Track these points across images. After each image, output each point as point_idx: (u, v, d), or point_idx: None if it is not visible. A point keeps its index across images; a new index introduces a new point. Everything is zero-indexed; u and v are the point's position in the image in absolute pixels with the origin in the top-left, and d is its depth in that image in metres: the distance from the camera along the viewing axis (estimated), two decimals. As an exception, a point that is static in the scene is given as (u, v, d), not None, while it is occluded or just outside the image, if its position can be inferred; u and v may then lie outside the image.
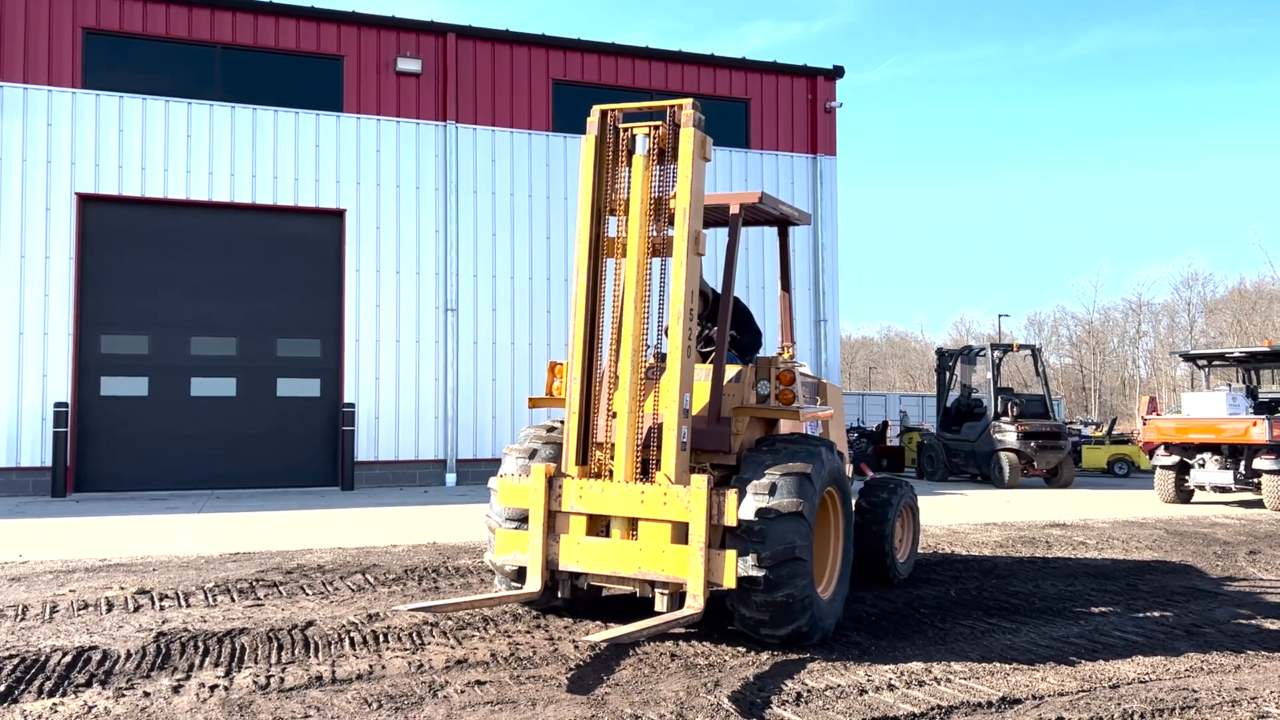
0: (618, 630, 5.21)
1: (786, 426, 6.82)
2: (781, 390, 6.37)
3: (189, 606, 6.78)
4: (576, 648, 5.73)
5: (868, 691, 5.00)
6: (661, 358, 6.49)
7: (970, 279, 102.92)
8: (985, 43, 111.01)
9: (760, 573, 5.56)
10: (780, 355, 7.45)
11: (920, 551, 9.71)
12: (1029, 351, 21.84)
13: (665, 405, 5.88)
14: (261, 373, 17.01)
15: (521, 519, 6.22)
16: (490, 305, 18.13)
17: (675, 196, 5.97)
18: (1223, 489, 15.24)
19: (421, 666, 5.30)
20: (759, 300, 18.55)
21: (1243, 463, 14.89)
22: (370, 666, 5.29)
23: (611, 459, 6.06)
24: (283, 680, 5.02)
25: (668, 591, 5.73)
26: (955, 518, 12.97)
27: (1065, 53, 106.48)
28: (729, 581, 5.53)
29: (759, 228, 8.08)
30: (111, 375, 16.23)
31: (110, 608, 6.68)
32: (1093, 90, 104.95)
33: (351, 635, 5.95)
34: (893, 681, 5.17)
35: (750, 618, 5.74)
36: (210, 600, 7.00)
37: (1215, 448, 15.20)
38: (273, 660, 5.42)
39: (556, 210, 18.65)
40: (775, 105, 20.45)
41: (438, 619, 6.35)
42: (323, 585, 7.59)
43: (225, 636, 5.88)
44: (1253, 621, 6.85)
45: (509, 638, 5.94)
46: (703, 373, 6.48)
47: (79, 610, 6.61)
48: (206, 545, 9.80)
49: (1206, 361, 17.92)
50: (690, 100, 6.03)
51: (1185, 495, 15.68)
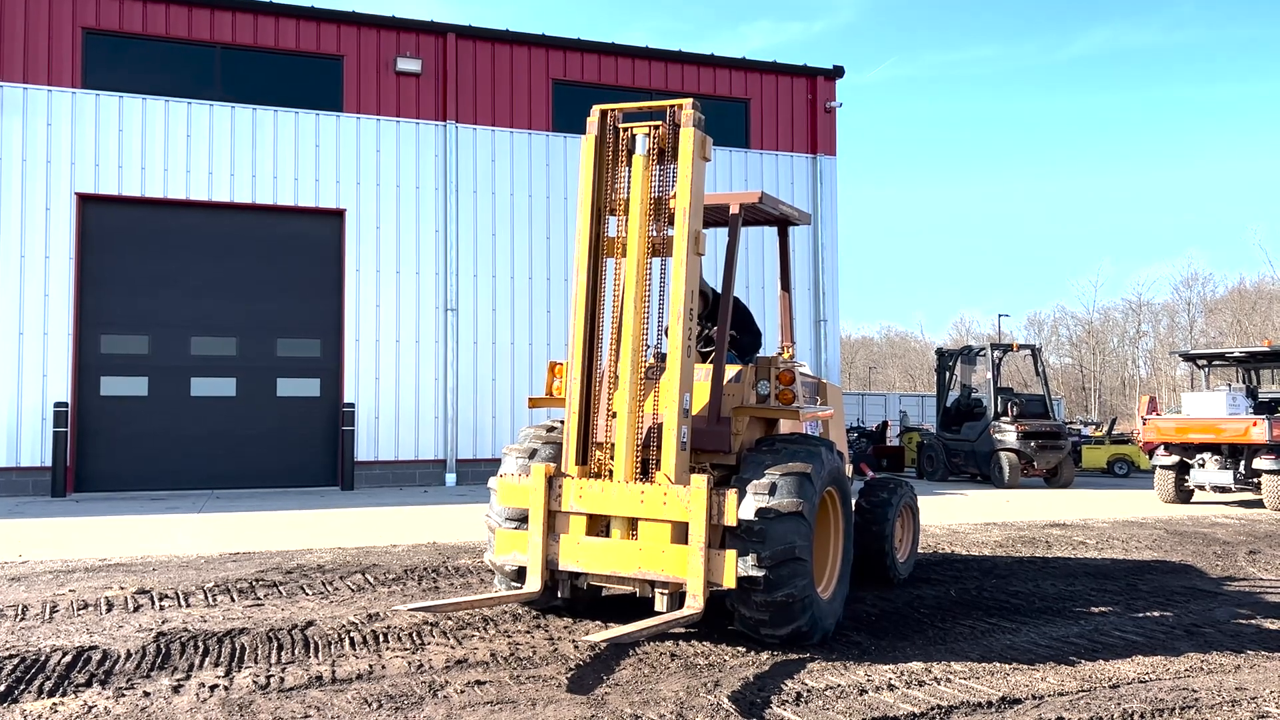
0: (618, 630, 5.21)
1: (786, 426, 6.82)
2: (781, 390, 6.37)
3: (189, 606, 6.79)
4: (576, 648, 5.73)
5: (868, 691, 5.00)
6: (661, 358, 6.49)
7: (970, 279, 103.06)
8: (985, 43, 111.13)
9: (760, 573, 5.56)
10: (780, 355, 7.46)
11: (920, 551, 9.72)
12: (1029, 351, 21.84)
13: (665, 405, 5.88)
14: (261, 373, 17.01)
15: (521, 519, 6.22)
16: (490, 305, 18.14)
17: (675, 196, 5.97)
18: (1222, 489, 15.25)
19: (421, 666, 5.31)
20: (759, 300, 18.55)
21: (1242, 463, 14.90)
22: (370, 666, 5.29)
23: (611, 459, 6.06)
24: (283, 680, 5.03)
25: (668, 591, 5.73)
26: (955, 518, 12.97)
27: (1065, 53, 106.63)
28: (729, 581, 5.53)
29: (759, 228, 8.08)
30: (111, 375, 16.23)
31: (110, 608, 6.68)
32: (1093, 90, 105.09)
33: (351, 635, 5.95)
34: (893, 681, 5.17)
35: (750, 618, 5.74)
36: (210, 600, 7.00)
37: (1215, 448, 15.21)
38: (273, 660, 5.42)
39: (556, 210, 18.65)
40: (775, 105, 20.45)
41: (438, 619, 6.35)
42: (323, 585, 7.59)
43: (225, 636, 5.88)
44: (1253, 621, 6.85)
45: (509, 638, 5.95)
46: (703, 373, 6.48)
47: (79, 610, 6.61)
48: (206, 545, 9.80)
49: (1206, 361, 17.92)
50: (690, 100, 6.03)
51: (1185, 495, 15.69)
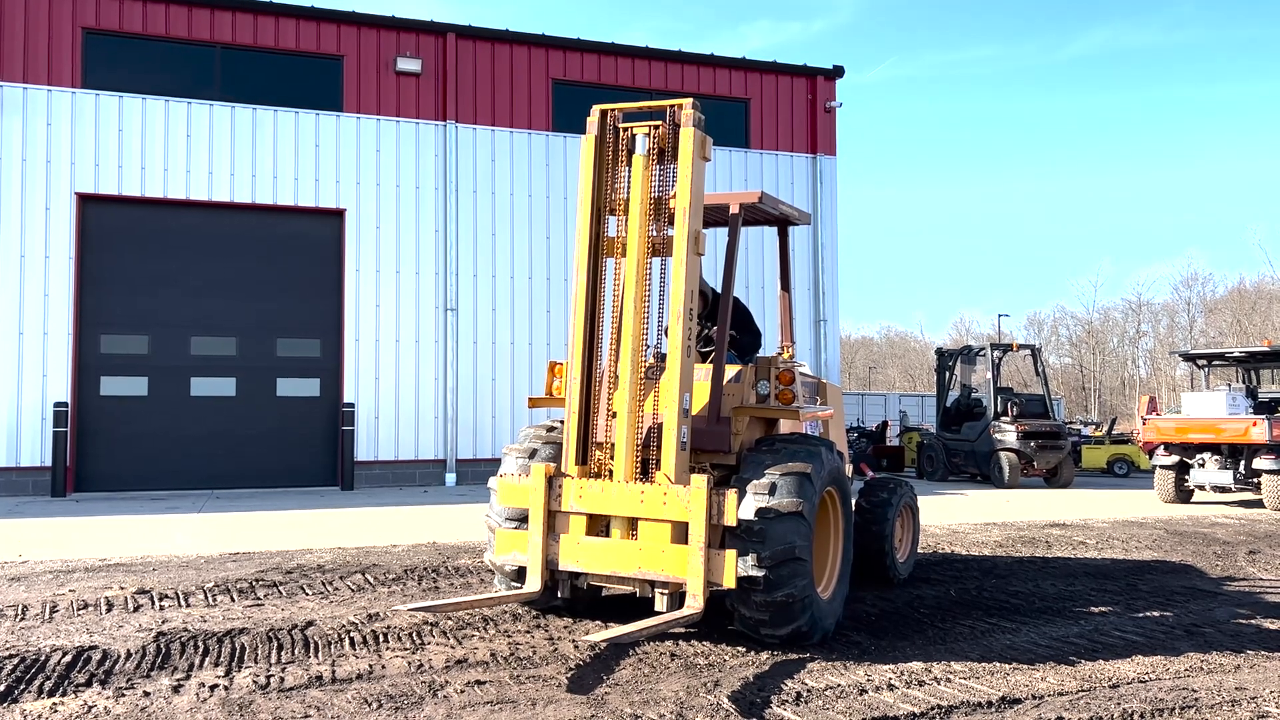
0: (618, 630, 5.21)
1: (786, 426, 6.82)
2: (781, 390, 6.37)
3: (189, 606, 6.79)
4: (576, 647, 5.73)
5: (868, 691, 5.00)
6: (661, 358, 6.49)
7: (970, 279, 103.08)
8: (985, 43, 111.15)
9: (760, 572, 5.56)
10: (780, 355, 7.46)
11: (920, 551, 9.72)
12: (1029, 351, 21.84)
13: (665, 405, 5.88)
14: (261, 373, 17.01)
15: (521, 519, 6.22)
16: (490, 305, 18.14)
17: (675, 196, 5.97)
18: (1222, 489, 15.25)
19: (421, 666, 5.31)
20: (759, 300, 18.55)
21: (1242, 462, 14.90)
22: (370, 666, 5.29)
23: (611, 459, 6.06)
24: (283, 680, 5.03)
25: (668, 591, 5.73)
26: (955, 518, 12.98)
27: (1065, 53, 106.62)
28: (729, 581, 5.53)
29: (759, 228, 8.08)
30: (111, 375, 16.23)
31: (110, 607, 6.68)
32: (1093, 90, 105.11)
33: (351, 635, 5.95)
34: (893, 681, 5.17)
35: (750, 617, 5.74)
36: (210, 600, 7.00)
37: (1215, 448, 15.21)
38: (273, 660, 5.42)
39: (556, 210, 18.65)
40: (775, 105, 20.45)
41: (437, 619, 6.35)
42: (322, 585, 7.59)
43: (225, 636, 5.88)
44: (1252, 621, 6.85)
45: (509, 638, 5.95)
46: (703, 373, 6.48)
47: (79, 610, 6.61)
48: (206, 545, 9.80)
49: (1206, 361, 17.92)
50: (690, 100, 6.03)
51: (1185, 495, 15.69)
